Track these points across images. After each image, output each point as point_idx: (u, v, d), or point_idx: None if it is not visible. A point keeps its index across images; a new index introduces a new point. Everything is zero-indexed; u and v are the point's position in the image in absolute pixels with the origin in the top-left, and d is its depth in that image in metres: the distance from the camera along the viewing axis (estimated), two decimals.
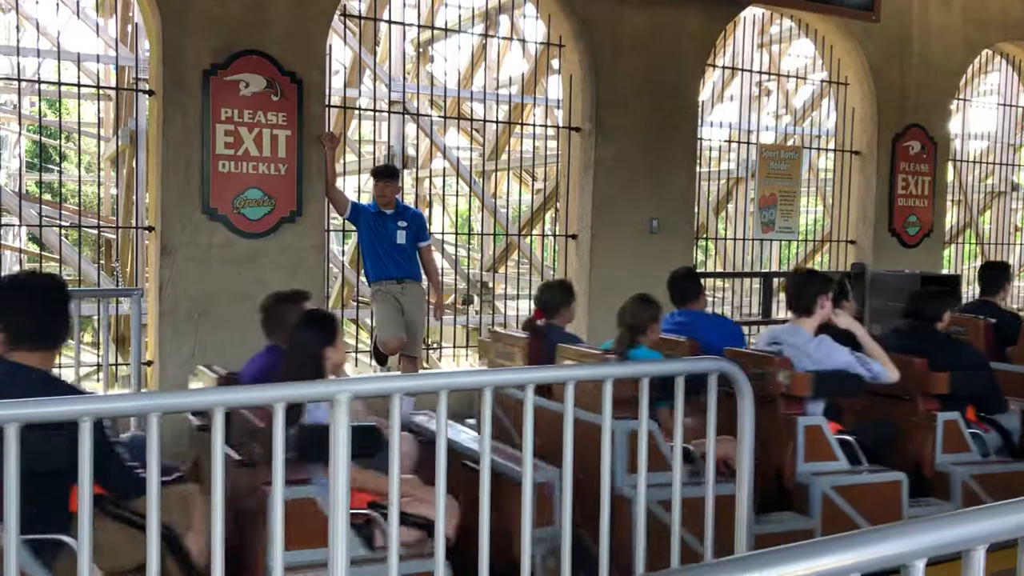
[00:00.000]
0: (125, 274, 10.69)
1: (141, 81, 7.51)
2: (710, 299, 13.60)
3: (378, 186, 6.42)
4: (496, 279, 13.55)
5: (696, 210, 8.46)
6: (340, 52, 12.87)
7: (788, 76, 14.31)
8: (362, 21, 8.40)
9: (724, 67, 12.36)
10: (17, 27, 8.37)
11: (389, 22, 11.02)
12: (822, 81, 10.86)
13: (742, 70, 12.55)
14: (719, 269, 14.18)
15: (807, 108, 14.92)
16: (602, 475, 2.56)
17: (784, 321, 5.47)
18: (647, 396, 2.53)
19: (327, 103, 6.55)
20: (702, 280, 5.88)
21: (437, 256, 13.85)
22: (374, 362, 6.85)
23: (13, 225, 11.11)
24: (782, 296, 13.09)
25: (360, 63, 10.56)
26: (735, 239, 10.96)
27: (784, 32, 14.30)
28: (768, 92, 16.49)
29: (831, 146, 9.97)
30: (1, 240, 12.82)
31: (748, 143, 11.84)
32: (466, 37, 13.28)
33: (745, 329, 10.33)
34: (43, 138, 14.89)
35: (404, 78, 11.72)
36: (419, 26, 12.76)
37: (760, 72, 13.59)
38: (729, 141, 13.16)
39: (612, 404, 2.49)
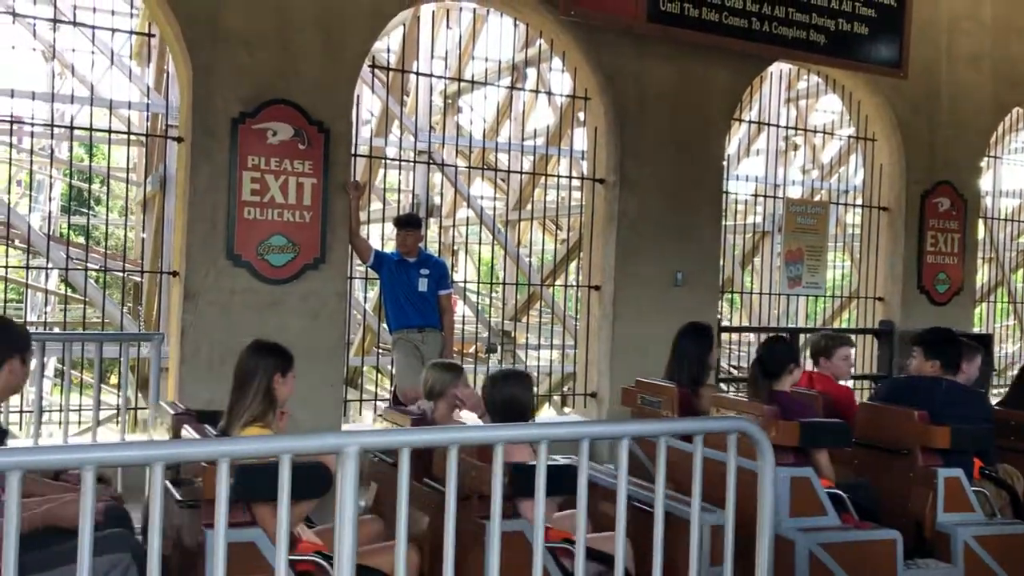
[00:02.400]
0: (150, 318, 10.76)
1: (172, 128, 7.63)
2: (735, 353, 13.46)
3: (400, 235, 6.44)
4: (519, 328, 13.49)
5: (722, 263, 8.39)
6: (371, 102, 13.05)
7: (815, 131, 14.29)
8: (390, 72, 8.50)
9: (751, 121, 12.38)
10: (53, 73, 8.55)
11: (417, 73, 11.16)
12: (850, 137, 10.82)
13: (769, 124, 12.55)
14: (745, 323, 14.04)
15: (834, 163, 14.86)
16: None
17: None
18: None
19: (353, 152, 6.61)
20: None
21: (461, 305, 13.86)
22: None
23: (41, 268, 11.26)
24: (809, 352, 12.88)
25: (387, 113, 10.68)
26: (761, 293, 10.84)
27: (811, 87, 14.32)
28: (796, 147, 16.46)
29: (859, 201, 9.89)
30: (29, 280, 12.99)
31: (775, 197, 11.79)
32: (493, 89, 13.43)
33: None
34: (77, 182, 15.16)
35: (431, 128, 11.84)
36: (447, 78, 12.93)
37: (787, 127, 13.58)
38: (756, 195, 13.12)
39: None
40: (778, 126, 12.62)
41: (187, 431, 3.24)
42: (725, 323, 12.71)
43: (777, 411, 3.86)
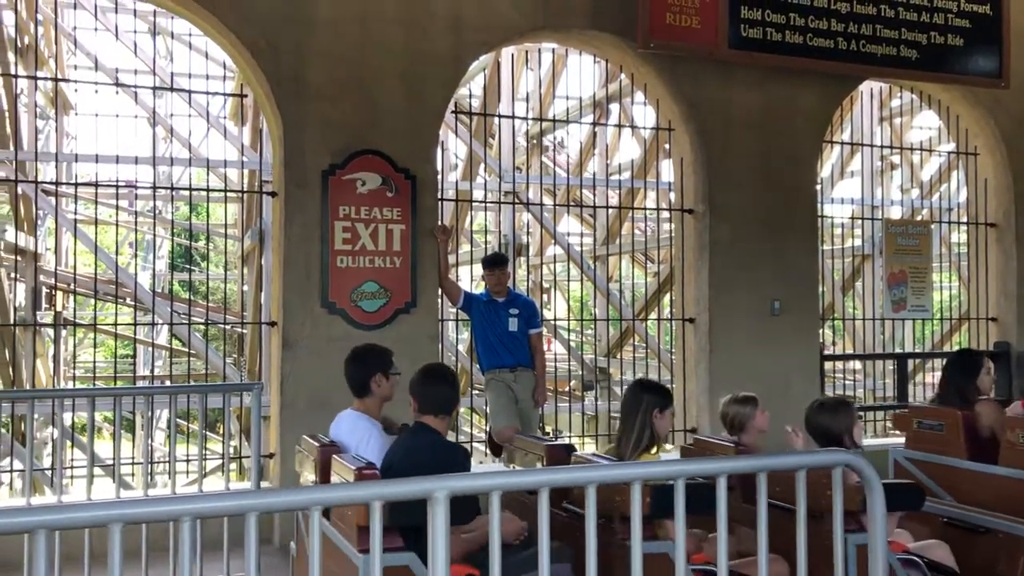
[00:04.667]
0: (254, 367, 11.08)
1: (266, 183, 7.89)
2: (840, 382, 13.00)
3: (488, 275, 6.46)
4: (614, 364, 13.35)
5: (821, 289, 8.13)
6: (460, 147, 13.27)
7: (913, 149, 13.81)
8: (473, 116, 8.62)
9: (843, 143, 12.06)
10: (155, 137, 8.98)
11: (499, 116, 11.29)
12: (950, 152, 10.41)
13: (863, 145, 12.19)
14: (849, 351, 13.56)
15: (935, 181, 14.31)
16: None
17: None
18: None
19: (440, 196, 6.70)
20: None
21: (556, 344, 13.82)
22: (488, 451, 6.77)
23: (147, 323, 11.74)
24: (920, 379, 12.35)
25: (471, 156, 10.83)
26: (864, 319, 10.45)
27: (906, 105, 13.87)
28: (893, 166, 15.94)
29: (964, 219, 9.47)
30: (140, 336, 13.56)
31: (873, 219, 11.41)
32: (577, 126, 13.46)
33: (879, 414, 9.79)
34: (182, 240, 15.84)
35: (515, 169, 11.93)
36: (529, 118, 13.04)
37: (882, 146, 13.16)
38: (853, 217, 12.73)
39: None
40: (872, 145, 12.24)
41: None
42: (828, 351, 12.29)
43: None
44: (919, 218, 12.93)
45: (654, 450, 3.73)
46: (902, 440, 5.20)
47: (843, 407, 3.95)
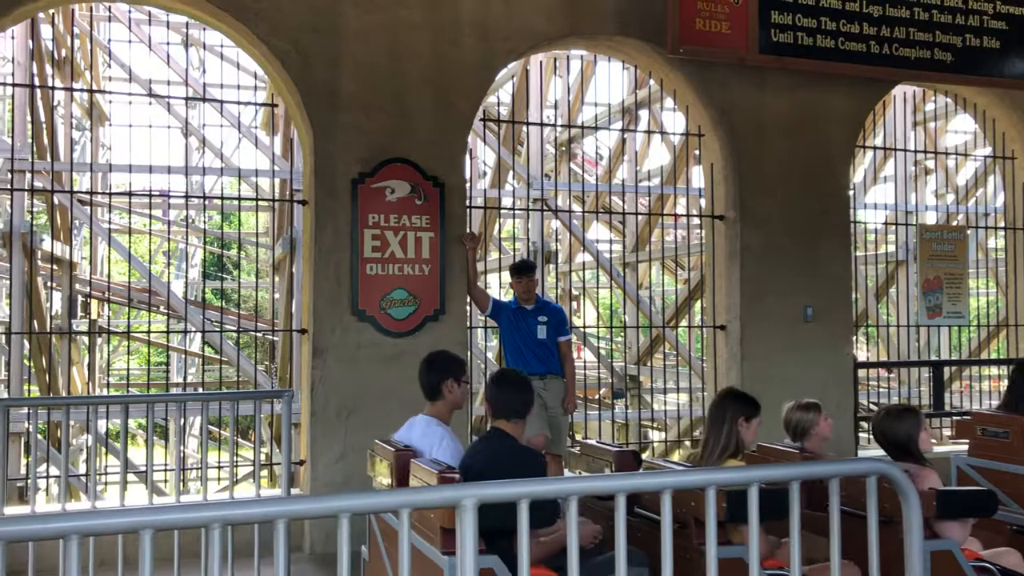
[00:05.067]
0: (285, 375, 11.15)
1: (297, 192, 7.94)
2: (874, 389, 12.82)
3: (516, 282, 6.45)
4: (644, 372, 13.27)
5: (854, 296, 8.03)
6: (488, 154, 13.29)
7: (947, 153, 13.61)
8: (502, 124, 8.63)
9: (876, 148, 11.92)
10: (187, 147, 9.09)
11: (527, 123, 11.30)
12: (986, 157, 10.25)
13: (896, 149, 12.04)
14: (883, 358, 13.38)
15: (971, 186, 14.09)
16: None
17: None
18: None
19: (469, 204, 6.70)
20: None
21: (586, 351, 13.78)
22: None
23: (180, 331, 11.85)
24: (956, 387, 12.16)
25: (500, 163, 10.84)
26: (899, 326, 10.30)
27: (941, 109, 13.69)
28: (928, 171, 15.73)
29: (1001, 224, 9.31)
30: (174, 343, 13.71)
31: (907, 224, 11.26)
32: (607, 133, 13.44)
33: None
34: (214, 248, 16.02)
35: (544, 176, 11.93)
36: (557, 125, 13.03)
37: (916, 151, 12.99)
38: (887, 223, 12.57)
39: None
40: (906, 150, 12.08)
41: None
42: (861, 358, 12.14)
43: None
44: (954, 223, 12.74)
45: (738, 458, 3.79)
46: (955, 448, 5.15)
47: (908, 414, 3.93)
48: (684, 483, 2.37)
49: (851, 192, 7.94)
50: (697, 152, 8.10)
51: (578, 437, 8.58)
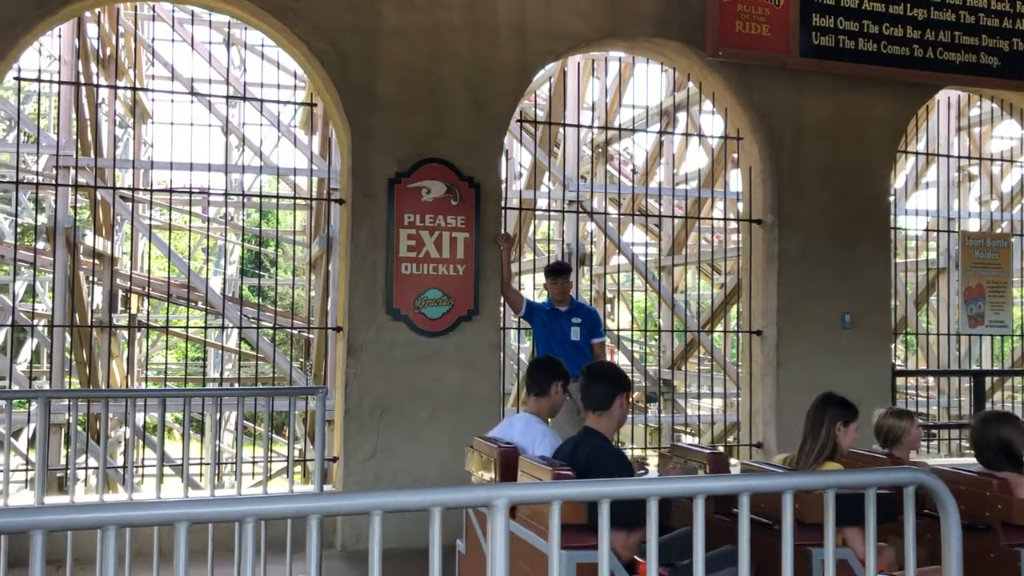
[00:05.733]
0: (320, 372, 11.25)
1: (334, 191, 8.01)
2: (912, 398, 12.61)
3: (550, 283, 6.44)
4: (679, 377, 13.18)
5: (894, 303, 7.91)
6: (525, 156, 13.28)
7: (992, 159, 13.36)
8: (539, 125, 8.62)
9: (919, 153, 11.74)
10: (228, 145, 9.19)
11: (564, 124, 11.27)
12: None
13: (939, 155, 11.84)
14: (923, 367, 13.16)
15: (1017, 192, 13.81)
16: None
17: None
18: (833, 513, 2.29)
19: (504, 205, 6.70)
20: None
21: (619, 354, 13.70)
22: None
23: (217, 327, 11.99)
24: (998, 397, 11.91)
25: (536, 165, 10.82)
26: (939, 334, 10.13)
27: (986, 114, 13.44)
28: (971, 177, 15.44)
29: None
30: (211, 339, 13.86)
31: (949, 231, 11.07)
32: (644, 135, 13.37)
33: (955, 432, 9.46)
34: (252, 246, 16.21)
35: (580, 178, 11.89)
36: (595, 127, 12.98)
37: (960, 156, 12.76)
38: (928, 230, 12.37)
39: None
40: (949, 156, 11.88)
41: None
42: (900, 366, 11.95)
43: None
44: (998, 231, 12.50)
45: (836, 461, 3.80)
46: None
47: (1006, 418, 3.94)
48: (759, 487, 2.43)
49: (892, 198, 7.83)
50: (735, 155, 8.03)
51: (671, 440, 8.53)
